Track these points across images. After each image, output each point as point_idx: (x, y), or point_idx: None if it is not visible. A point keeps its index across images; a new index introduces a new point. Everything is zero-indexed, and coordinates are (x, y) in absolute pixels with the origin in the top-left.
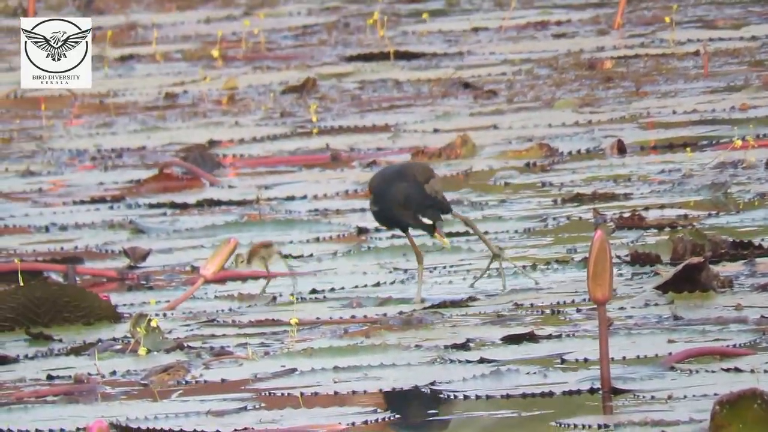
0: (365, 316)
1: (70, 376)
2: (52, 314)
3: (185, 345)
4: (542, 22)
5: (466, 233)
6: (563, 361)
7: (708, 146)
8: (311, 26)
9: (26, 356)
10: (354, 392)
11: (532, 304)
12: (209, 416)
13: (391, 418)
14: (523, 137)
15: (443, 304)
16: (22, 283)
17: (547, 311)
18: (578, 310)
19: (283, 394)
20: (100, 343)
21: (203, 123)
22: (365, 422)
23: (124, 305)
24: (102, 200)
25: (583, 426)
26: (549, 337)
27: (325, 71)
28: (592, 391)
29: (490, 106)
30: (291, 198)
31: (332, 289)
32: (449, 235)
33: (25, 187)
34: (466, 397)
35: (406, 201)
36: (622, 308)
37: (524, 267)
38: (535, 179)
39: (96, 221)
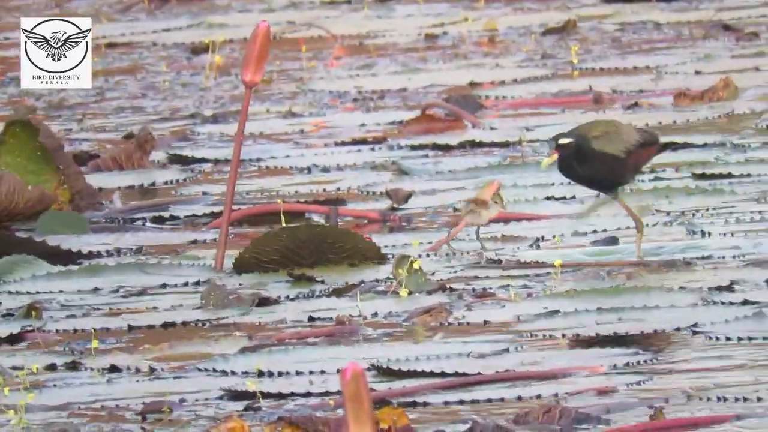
0: (632, 259)
1: (331, 318)
2: (316, 256)
3: (447, 286)
4: None
5: (729, 174)
6: None
7: None
8: None
9: (287, 297)
10: (615, 334)
11: None
12: (471, 358)
13: (653, 360)
14: None
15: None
16: (284, 224)
17: None
18: None
19: (544, 335)
20: (362, 285)
21: (464, 64)
22: (626, 364)
23: (386, 247)
24: (364, 141)
25: None
26: None
27: (585, 13)
28: None
29: (751, 48)
30: None
31: (594, 231)
32: (709, 176)
33: (286, 128)
34: (728, 339)
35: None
36: None
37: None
38: None
39: (358, 162)
